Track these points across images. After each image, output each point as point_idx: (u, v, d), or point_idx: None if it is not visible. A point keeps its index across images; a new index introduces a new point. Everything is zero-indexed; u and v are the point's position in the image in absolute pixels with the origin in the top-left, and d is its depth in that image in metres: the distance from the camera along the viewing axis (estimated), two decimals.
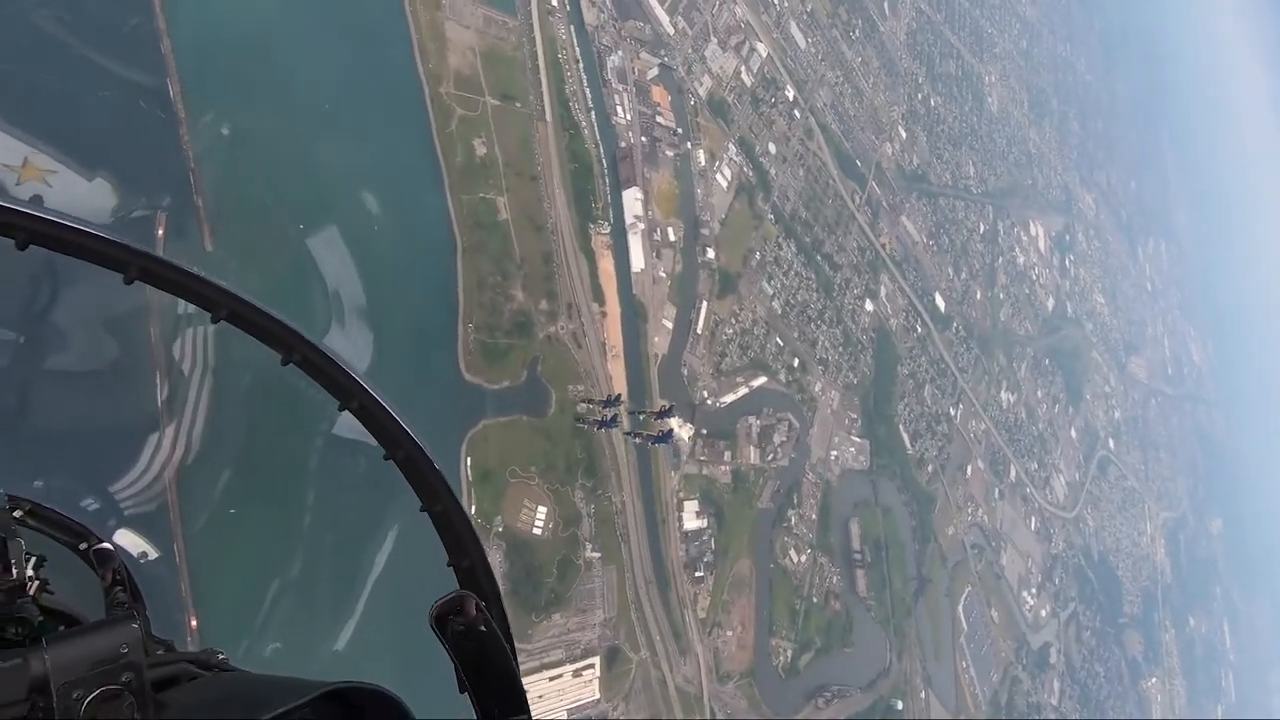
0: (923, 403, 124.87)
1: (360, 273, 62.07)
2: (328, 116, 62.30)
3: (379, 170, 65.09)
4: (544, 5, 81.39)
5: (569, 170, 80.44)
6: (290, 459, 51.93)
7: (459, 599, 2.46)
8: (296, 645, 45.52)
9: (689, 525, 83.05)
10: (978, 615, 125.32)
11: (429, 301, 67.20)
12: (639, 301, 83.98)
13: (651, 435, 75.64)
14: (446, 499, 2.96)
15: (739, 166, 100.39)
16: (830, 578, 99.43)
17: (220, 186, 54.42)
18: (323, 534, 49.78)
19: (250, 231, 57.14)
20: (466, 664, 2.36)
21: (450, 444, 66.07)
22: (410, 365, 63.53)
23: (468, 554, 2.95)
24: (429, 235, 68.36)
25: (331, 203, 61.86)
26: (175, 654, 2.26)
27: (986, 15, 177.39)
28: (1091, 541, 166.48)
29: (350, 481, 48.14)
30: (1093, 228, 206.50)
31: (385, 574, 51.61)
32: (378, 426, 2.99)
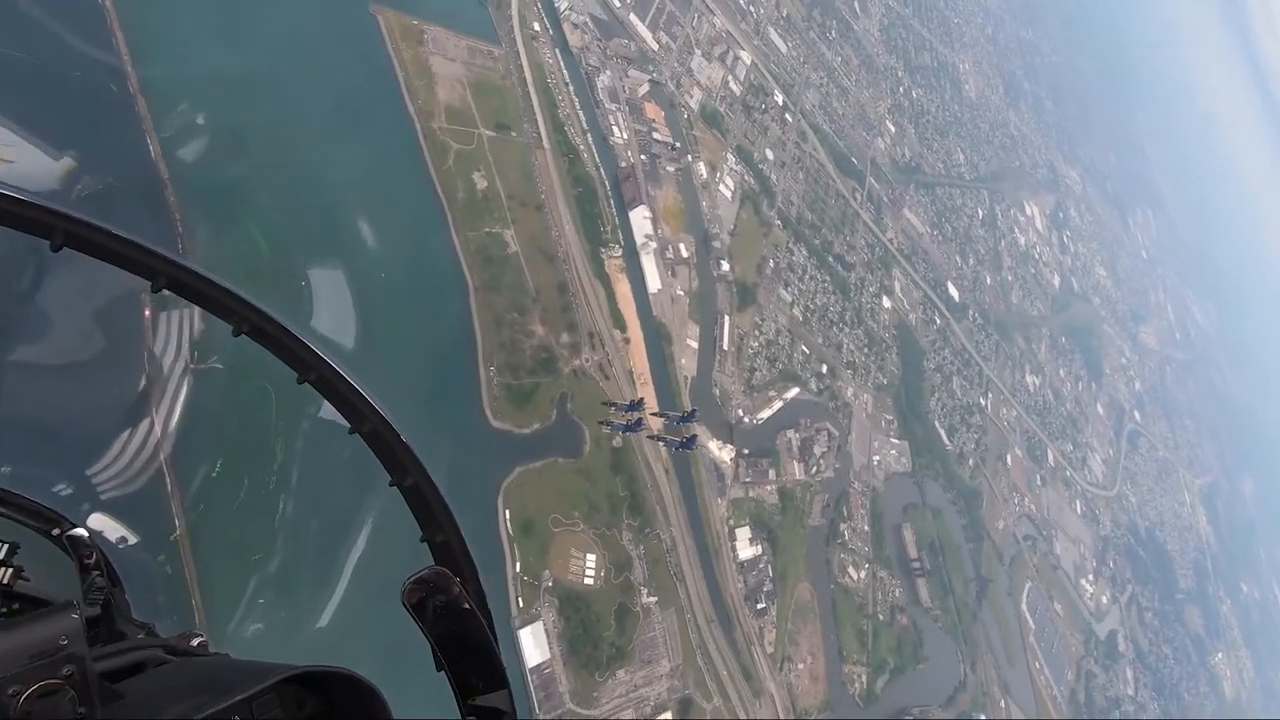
0: (953, 395, 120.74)
1: (370, 324, 57.46)
2: (317, 165, 58.25)
3: (378, 217, 60.92)
4: (527, 31, 78.68)
5: (573, 196, 76.80)
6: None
7: (432, 575, 2.30)
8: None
9: (743, 554, 77.58)
10: (1042, 610, 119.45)
11: (445, 348, 62.56)
12: (660, 323, 79.74)
13: (676, 441, 70.39)
14: (416, 472, 2.77)
15: (740, 175, 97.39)
16: (892, 591, 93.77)
17: (213, 247, 50.05)
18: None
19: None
20: (443, 642, 2.25)
21: (485, 498, 60.90)
22: (432, 417, 58.49)
23: (441, 528, 2.74)
24: (438, 278, 64.02)
25: (331, 253, 57.49)
26: (142, 640, 2.13)
27: (951, 6, 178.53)
28: (1136, 518, 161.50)
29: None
30: (1083, 202, 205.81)
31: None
32: (339, 399, 2.77)
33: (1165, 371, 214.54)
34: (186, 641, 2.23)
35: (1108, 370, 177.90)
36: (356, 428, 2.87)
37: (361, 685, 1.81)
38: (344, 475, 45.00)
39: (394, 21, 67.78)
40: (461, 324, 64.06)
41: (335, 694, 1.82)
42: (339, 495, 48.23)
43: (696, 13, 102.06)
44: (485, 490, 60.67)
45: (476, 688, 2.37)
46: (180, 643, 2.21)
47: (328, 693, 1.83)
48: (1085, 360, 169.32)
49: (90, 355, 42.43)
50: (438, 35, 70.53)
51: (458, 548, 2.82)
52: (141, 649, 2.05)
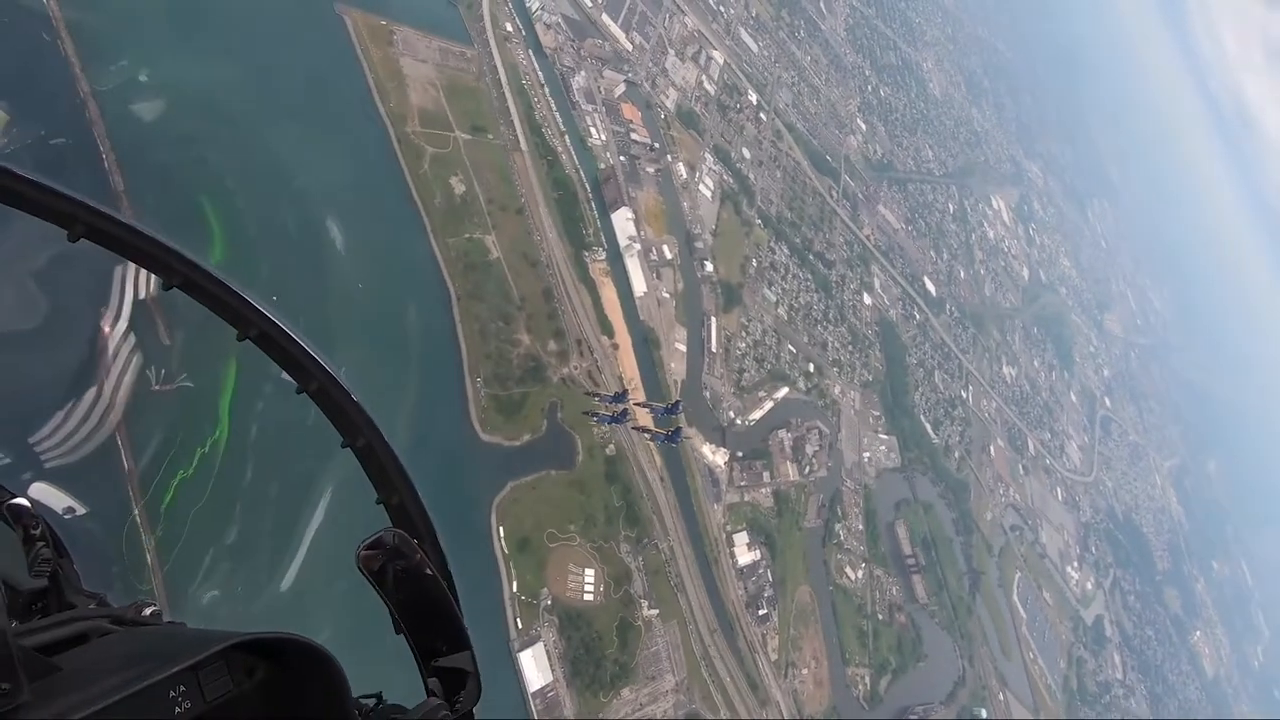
0: (936, 389, 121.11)
1: (348, 338, 54.29)
2: (281, 167, 55.01)
3: (351, 225, 57.83)
4: (499, 32, 76.38)
5: (553, 199, 74.51)
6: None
7: (388, 537, 2.21)
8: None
9: (742, 560, 75.77)
10: (1032, 601, 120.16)
11: (429, 361, 59.56)
12: (648, 327, 77.75)
13: (661, 434, 68.02)
14: (368, 431, 2.68)
15: (719, 175, 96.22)
16: (889, 589, 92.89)
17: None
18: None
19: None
20: (402, 605, 2.20)
21: (477, 516, 57.99)
22: (419, 432, 55.49)
23: (396, 489, 2.66)
24: (419, 287, 61.09)
25: (302, 264, 54.26)
26: (88, 610, 2.06)
27: (911, 6, 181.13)
28: (1114, 503, 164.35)
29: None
30: (1044, 195, 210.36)
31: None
32: (284, 357, 2.65)
33: (1130, 357, 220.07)
34: (138, 611, 2.03)
35: (1078, 358, 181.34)
36: (303, 386, 2.68)
37: (314, 651, 1.72)
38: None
39: (361, 22, 64.92)
40: (445, 335, 61.17)
41: (287, 661, 1.72)
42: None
43: (668, 13, 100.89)
44: (477, 508, 57.80)
45: (439, 650, 2.28)
46: (130, 613, 2.02)
47: (279, 660, 1.72)
48: (1056, 349, 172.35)
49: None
50: (407, 36, 67.81)
51: (414, 508, 2.66)
52: (85, 620, 1.88)
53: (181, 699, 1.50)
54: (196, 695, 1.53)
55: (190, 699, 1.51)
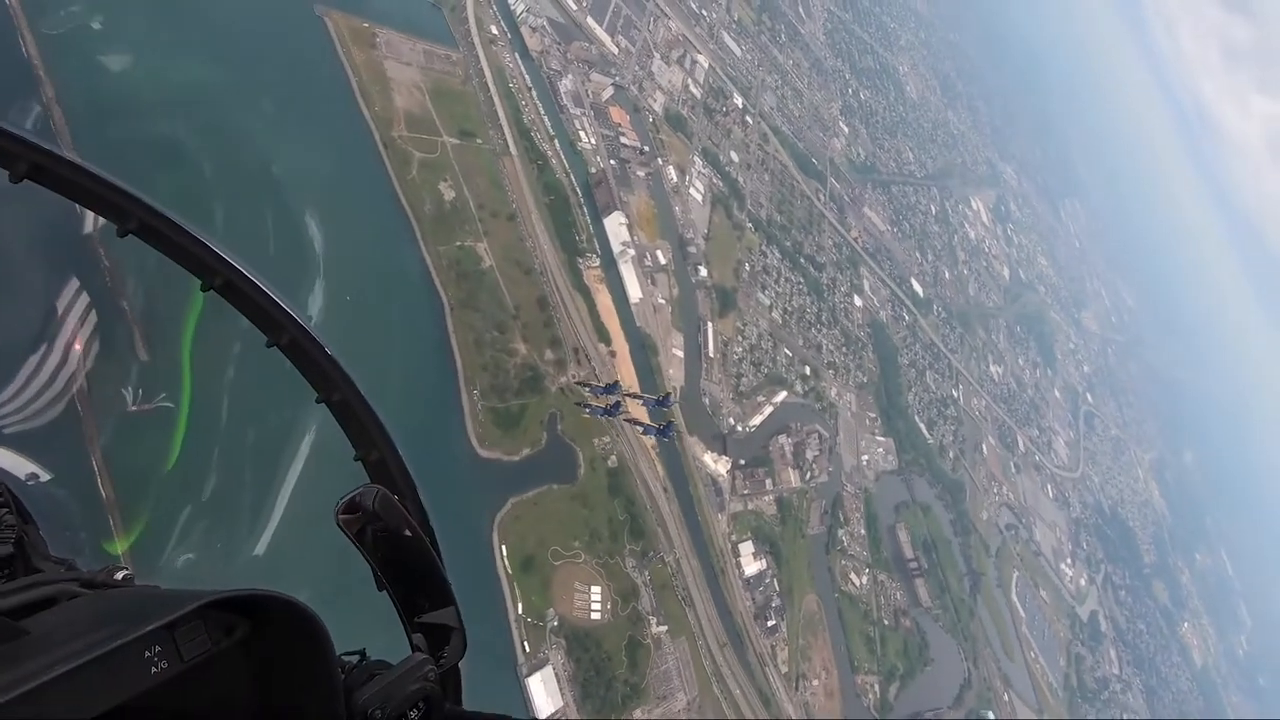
0: (928, 389, 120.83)
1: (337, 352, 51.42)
2: (267, 180, 52.19)
3: (338, 233, 55.04)
4: (484, 35, 74.31)
5: (545, 204, 72.41)
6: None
7: (368, 493, 2.14)
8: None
9: (749, 570, 73.81)
10: (1030, 600, 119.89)
11: (423, 374, 56.89)
12: (645, 334, 75.79)
13: (653, 427, 65.79)
14: (344, 386, 2.60)
15: (709, 178, 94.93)
16: (894, 594, 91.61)
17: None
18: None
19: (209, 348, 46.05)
20: (384, 561, 2.16)
21: (479, 535, 55.29)
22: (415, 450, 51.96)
23: (375, 444, 2.61)
24: (410, 297, 58.46)
25: (288, 273, 51.32)
26: (57, 574, 1.98)
27: (886, 11, 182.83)
28: (1100, 498, 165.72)
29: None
30: (1020, 196, 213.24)
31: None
32: (253, 308, 2.49)
33: (1108, 353, 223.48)
34: (109, 575, 1.94)
35: (1059, 355, 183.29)
36: (274, 340, 2.54)
37: (295, 608, 1.67)
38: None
39: (342, 24, 62.42)
40: (439, 346, 58.59)
41: (268, 618, 1.67)
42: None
43: (652, 17, 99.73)
44: (478, 527, 55.11)
45: (422, 606, 2.24)
46: (102, 576, 1.93)
47: (260, 618, 1.66)
48: (1039, 347, 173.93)
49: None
50: (391, 39, 65.43)
51: (394, 464, 2.62)
52: (53, 584, 1.82)
53: (157, 659, 1.46)
54: (173, 655, 1.49)
55: (166, 659, 1.48)
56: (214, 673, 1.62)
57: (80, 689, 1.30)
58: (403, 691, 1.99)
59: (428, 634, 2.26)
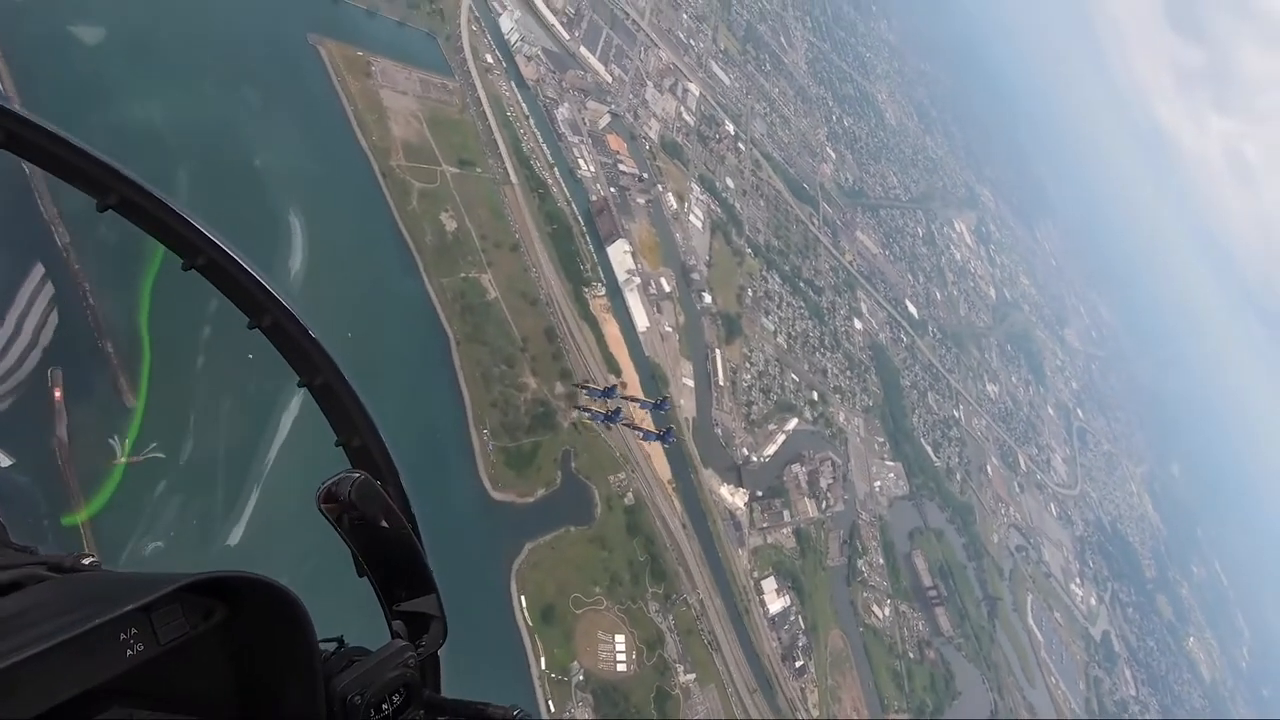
0: (931, 411, 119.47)
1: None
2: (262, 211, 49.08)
3: (337, 266, 51.95)
4: (480, 64, 72.65)
5: (548, 233, 70.05)
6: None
7: (351, 478, 2.09)
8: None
9: (773, 608, 70.29)
10: (1046, 623, 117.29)
11: (431, 413, 53.36)
12: (654, 363, 73.13)
13: (653, 433, 62.82)
14: (327, 369, 2.47)
15: (707, 205, 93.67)
16: (916, 625, 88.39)
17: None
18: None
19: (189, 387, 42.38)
20: (365, 547, 2.12)
21: (496, 585, 51.36)
22: (425, 495, 48.55)
23: (358, 430, 2.49)
24: (415, 332, 55.21)
25: None
26: (18, 559, 1.88)
27: (861, 41, 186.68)
28: (1100, 514, 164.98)
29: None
30: (998, 218, 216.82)
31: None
32: (235, 288, 2.37)
33: (1092, 369, 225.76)
34: (76, 561, 1.85)
35: (1048, 372, 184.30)
36: (255, 321, 2.40)
37: (276, 591, 1.62)
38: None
39: (336, 53, 60.17)
40: (446, 383, 55.24)
41: (247, 602, 1.63)
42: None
43: (642, 46, 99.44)
44: (495, 576, 51.23)
45: (402, 593, 2.21)
46: (69, 561, 1.85)
47: (239, 601, 1.63)
48: (1029, 365, 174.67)
49: None
50: (386, 68, 63.30)
51: (376, 449, 2.50)
52: (18, 567, 1.74)
53: (133, 641, 1.43)
54: (149, 637, 1.46)
55: (143, 641, 1.44)
56: (191, 656, 1.59)
57: (53, 670, 1.26)
58: (382, 678, 1.93)
59: (408, 621, 2.19)
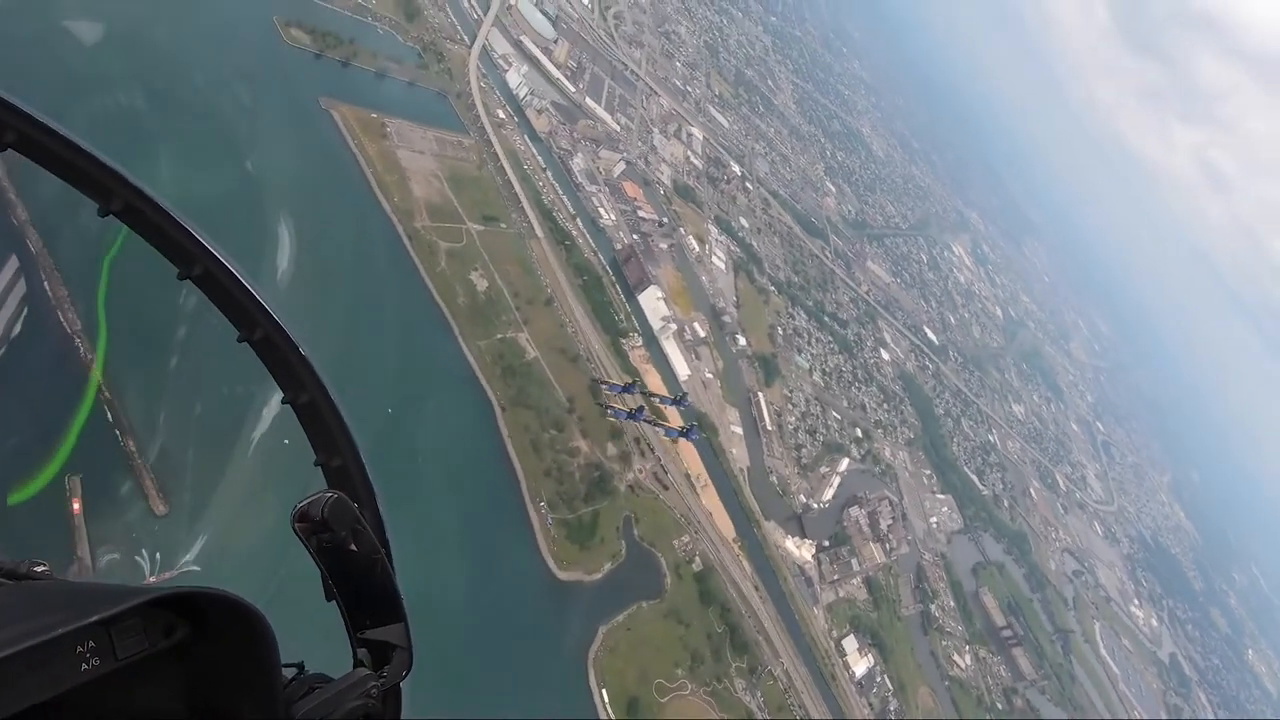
0: (968, 437, 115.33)
1: (385, 474, 42.71)
2: (295, 282, 44.95)
3: (371, 339, 47.61)
4: (493, 119, 70.38)
5: (579, 286, 66.44)
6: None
7: (327, 500, 2.01)
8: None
9: (858, 670, 64.10)
10: (1118, 652, 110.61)
11: (484, 489, 48.28)
12: (700, 412, 68.63)
13: (675, 429, 57.89)
14: (313, 388, 2.42)
15: (726, 245, 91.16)
16: (997, 670, 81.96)
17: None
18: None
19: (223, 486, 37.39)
20: (335, 571, 2.04)
21: (574, 679, 45.32)
22: (487, 583, 43.53)
23: (339, 450, 2.42)
24: (457, 402, 50.53)
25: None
26: None
27: (839, 81, 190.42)
28: (1140, 529, 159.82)
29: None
30: (989, 240, 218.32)
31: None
32: (228, 301, 2.34)
33: (1100, 381, 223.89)
34: (29, 568, 1.78)
35: (1064, 388, 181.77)
36: (246, 335, 2.36)
37: (243, 609, 1.54)
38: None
39: (350, 116, 57.37)
40: (495, 455, 50.28)
41: (211, 618, 1.55)
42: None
43: (643, 94, 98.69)
44: (572, 670, 45.26)
45: (369, 620, 2.11)
46: (22, 568, 1.78)
47: (204, 619, 1.55)
48: (1045, 382, 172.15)
49: None
50: (401, 128, 60.56)
51: (356, 472, 2.41)
52: None
53: (90, 655, 1.36)
54: (107, 652, 1.39)
55: (99, 656, 1.37)
56: (146, 675, 1.50)
57: (5, 681, 1.20)
58: (343, 707, 1.86)
59: (372, 650, 2.08)
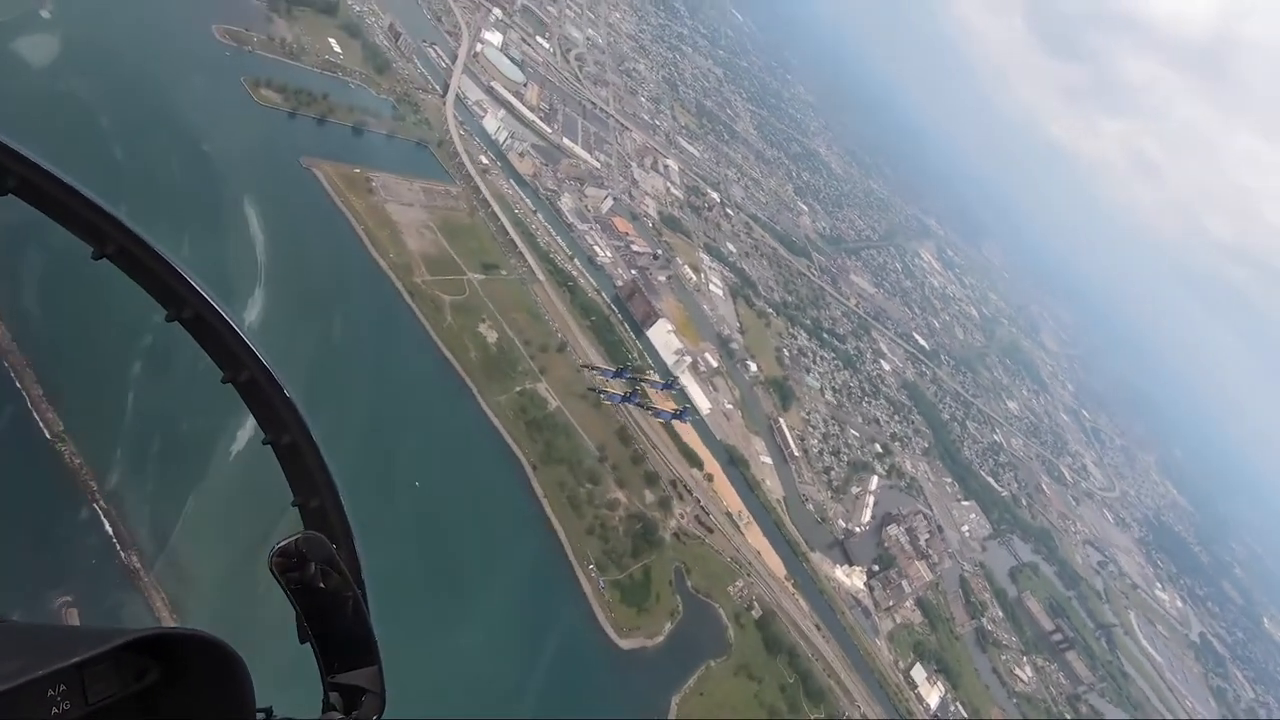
0: (976, 439, 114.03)
1: (423, 551, 38.09)
2: (303, 360, 40.52)
3: (385, 409, 43.24)
4: (477, 165, 67.54)
5: (587, 327, 63.08)
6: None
7: (305, 542, 2.01)
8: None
9: (931, 701, 60.14)
10: (1157, 641, 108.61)
11: (529, 559, 43.73)
12: (727, 445, 65.33)
13: (668, 412, 54.51)
14: (295, 430, 2.40)
15: (720, 272, 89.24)
16: (1057, 677, 78.69)
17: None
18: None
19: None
20: (311, 613, 2.02)
21: None
22: (550, 666, 38.76)
23: (317, 491, 2.40)
24: (485, 465, 46.17)
25: (345, 471, 38.52)
26: None
27: (788, 106, 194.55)
28: (1144, 511, 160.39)
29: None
30: (951, 244, 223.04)
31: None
32: (218, 344, 2.33)
33: (1075, 369, 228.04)
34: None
35: (1046, 379, 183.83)
36: (231, 376, 2.34)
37: (219, 649, 1.51)
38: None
39: (333, 173, 53.82)
40: (534, 519, 45.90)
41: (186, 660, 1.52)
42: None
43: (616, 131, 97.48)
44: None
45: (340, 664, 2.08)
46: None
47: (177, 659, 1.51)
48: (1029, 375, 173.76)
49: None
50: (386, 181, 57.18)
51: (334, 514, 2.37)
52: None
53: (60, 699, 1.32)
54: (78, 696, 1.35)
55: (70, 699, 1.34)
56: (117, 719, 1.47)
57: None
58: None
59: (343, 694, 2.05)
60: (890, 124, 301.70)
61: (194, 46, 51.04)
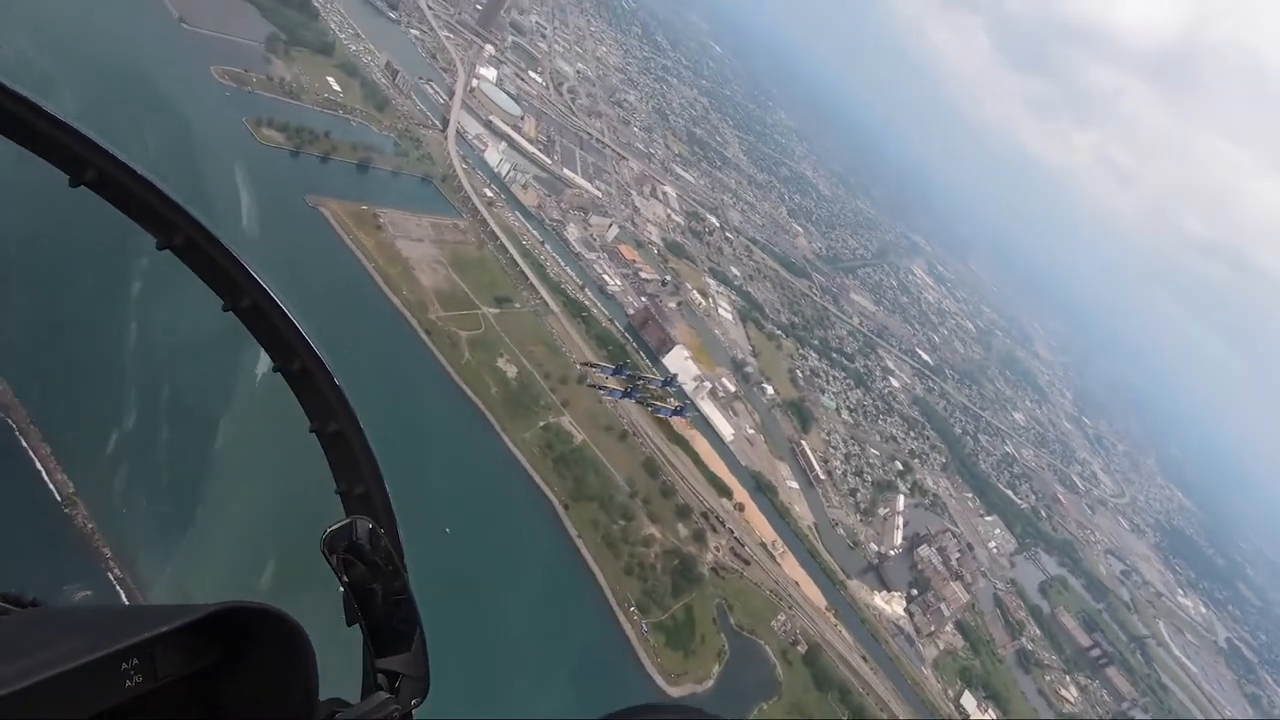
0: (989, 452, 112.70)
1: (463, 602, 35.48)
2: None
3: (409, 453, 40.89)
4: (482, 197, 66.23)
5: (604, 358, 61.18)
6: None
7: (356, 525, 2.06)
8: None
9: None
10: (1189, 649, 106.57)
11: (567, 605, 41.13)
12: (754, 472, 63.28)
13: (667, 408, 54.10)
14: (344, 418, 2.43)
15: (728, 296, 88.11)
16: (1100, 696, 76.12)
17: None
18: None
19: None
20: (360, 594, 2.05)
21: None
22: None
23: (362, 479, 2.43)
24: (515, 506, 43.78)
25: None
26: None
27: (773, 130, 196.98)
28: (1155, 516, 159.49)
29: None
30: (940, 259, 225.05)
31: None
32: (271, 334, 2.35)
33: (1070, 376, 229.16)
34: (17, 600, 1.78)
35: (1045, 388, 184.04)
36: (283, 366, 2.37)
37: (285, 624, 1.52)
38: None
39: (341, 212, 52.17)
40: (570, 561, 43.41)
41: (253, 636, 1.54)
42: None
43: (613, 160, 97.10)
44: None
45: (387, 647, 2.09)
46: (26, 598, 1.77)
47: (243, 635, 1.54)
48: (1030, 385, 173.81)
49: None
50: (394, 218, 55.60)
51: (380, 501, 2.41)
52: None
53: (134, 672, 1.37)
54: (149, 670, 1.40)
55: (142, 674, 1.38)
56: (189, 691, 1.52)
57: (56, 697, 1.22)
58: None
59: (390, 676, 2.07)
60: (869, 145, 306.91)
61: (194, 88, 49.64)
